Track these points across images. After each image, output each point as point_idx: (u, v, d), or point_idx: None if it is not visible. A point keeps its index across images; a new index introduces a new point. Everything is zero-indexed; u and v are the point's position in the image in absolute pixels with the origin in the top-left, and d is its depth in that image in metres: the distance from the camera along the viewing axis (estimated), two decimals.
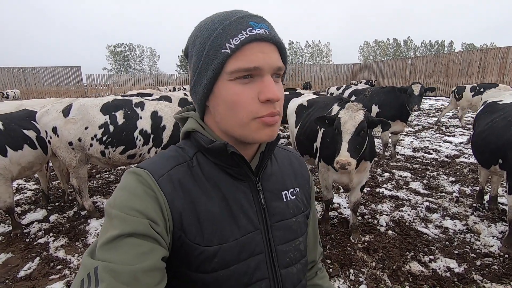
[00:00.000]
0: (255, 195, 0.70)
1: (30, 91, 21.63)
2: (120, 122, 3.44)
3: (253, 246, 0.66)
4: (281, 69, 0.63)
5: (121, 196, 0.58)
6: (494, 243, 2.97)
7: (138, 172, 0.62)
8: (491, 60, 16.26)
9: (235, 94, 0.60)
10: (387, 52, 73.93)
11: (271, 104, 0.60)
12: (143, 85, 24.69)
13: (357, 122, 2.33)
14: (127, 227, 0.54)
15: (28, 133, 3.45)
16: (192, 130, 0.70)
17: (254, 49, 0.58)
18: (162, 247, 0.57)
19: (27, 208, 4.07)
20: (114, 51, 63.91)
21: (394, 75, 23.72)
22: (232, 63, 0.58)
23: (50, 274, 2.71)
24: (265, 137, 0.63)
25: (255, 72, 0.59)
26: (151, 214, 0.57)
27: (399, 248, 2.94)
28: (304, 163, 0.87)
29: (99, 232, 0.57)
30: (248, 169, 0.68)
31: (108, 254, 0.51)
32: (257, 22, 0.60)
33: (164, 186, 0.61)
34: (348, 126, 2.34)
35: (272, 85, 0.60)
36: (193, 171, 0.66)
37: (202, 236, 0.62)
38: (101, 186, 4.90)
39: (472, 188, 4.38)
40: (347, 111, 2.40)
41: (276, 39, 0.61)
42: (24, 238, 3.31)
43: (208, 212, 0.63)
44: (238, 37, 0.58)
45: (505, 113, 3.11)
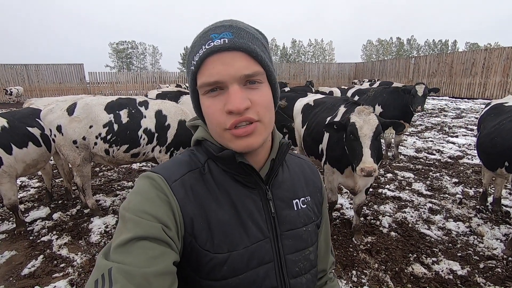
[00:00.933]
0: (265, 203, 0.69)
1: (33, 88, 21.70)
2: (124, 121, 3.45)
3: (263, 255, 0.66)
4: (254, 75, 0.60)
5: (135, 200, 0.59)
6: (497, 246, 2.96)
7: (152, 177, 0.63)
8: (495, 60, 16.14)
9: (207, 107, 0.62)
10: (390, 51, 73.54)
11: (236, 115, 0.59)
12: (146, 82, 24.71)
13: (374, 126, 2.26)
14: (140, 231, 0.55)
15: (33, 131, 3.47)
16: (201, 139, 0.71)
17: (214, 62, 0.59)
18: (174, 251, 0.57)
19: (31, 206, 4.10)
20: (116, 48, 64.00)
21: (397, 74, 23.61)
22: (199, 78, 0.61)
23: (54, 272, 2.72)
24: (241, 148, 0.63)
25: (220, 85, 0.59)
26: (163, 218, 0.58)
27: (402, 250, 2.94)
28: (317, 171, 0.86)
29: (114, 234, 0.58)
30: (258, 177, 0.68)
31: (122, 256, 0.52)
32: (218, 32, 0.60)
33: (177, 191, 0.62)
34: (365, 131, 2.25)
35: (235, 96, 0.58)
36: (204, 178, 0.67)
37: (212, 242, 0.62)
38: (103, 185, 4.92)
39: (475, 189, 4.36)
40: (359, 115, 2.31)
41: (239, 45, 0.58)
42: (28, 236, 3.33)
43: (218, 219, 0.64)
44: (198, 53, 0.60)
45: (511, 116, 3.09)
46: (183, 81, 25.19)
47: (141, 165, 5.88)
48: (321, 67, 29.61)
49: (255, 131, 0.62)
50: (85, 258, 2.91)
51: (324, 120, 3.08)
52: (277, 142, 0.74)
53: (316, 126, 3.19)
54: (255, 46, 0.61)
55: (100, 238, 3.26)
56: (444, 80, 19.19)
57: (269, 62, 0.64)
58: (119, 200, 4.25)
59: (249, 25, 0.66)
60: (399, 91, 5.51)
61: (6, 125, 3.25)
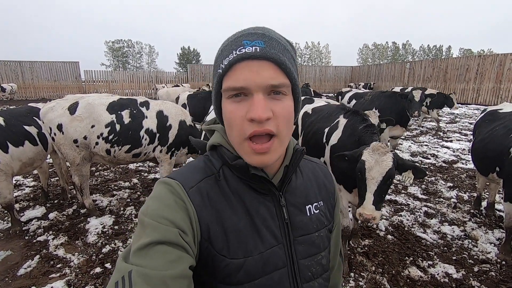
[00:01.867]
0: (278, 209, 0.71)
1: (27, 85, 21.41)
2: (126, 121, 3.47)
3: (276, 260, 0.67)
4: (280, 86, 0.61)
5: (153, 205, 0.61)
6: (491, 250, 3.01)
7: (169, 183, 0.64)
8: (489, 66, 16.43)
9: (229, 112, 0.62)
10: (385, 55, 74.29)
11: (257, 124, 0.59)
12: (142, 82, 24.56)
13: (384, 170, 1.99)
14: (158, 235, 0.56)
15: (29, 129, 3.43)
16: (217, 144, 0.72)
17: (242, 68, 0.59)
18: (190, 256, 0.59)
19: (26, 205, 4.05)
20: (112, 47, 63.52)
21: (392, 78, 23.87)
22: (225, 82, 0.62)
23: (50, 272, 2.70)
24: (255, 164, 0.64)
25: (245, 91, 0.60)
26: (180, 224, 0.59)
27: (398, 253, 2.97)
28: (330, 174, 0.87)
29: (133, 238, 0.60)
30: (271, 185, 0.69)
31: (141, 259, 0.54)
32: (251, 40, 0.60)
33: (194, 197, 0.64)
34: (374, 174, 2.01)
35: (257, 104, 0.58)
36: (219, 184, 0.68)
37: (228, 248, 0.64)
38: (100, 184, 4.88)
39: (469, 194, 4.43)
40: (373, 153, 2.05)
41: (269, 55, 0.59)
42: (24, 236, 3.29)
43: (233, 225, 0.65)
44: (228, 58, 0.60)
45: (505, 122, 3.16)
46: (179, 81, 25.10)
47: (138, 165, 5.85)
48: (317, 70, 29.77)
49: (271, 149, 0.63)
50: (82, 258, 2.89)
51: (321, 130, 2.94)
52: (291, 148, 0.75)
53: (314, 136, 3.06)
54: (285, 58, 0.62)
55: (97, 238, 3.24)
56: (438, 85, 19.44)
57: (296, 75, 0.65)
58: (116, 200, 4.23)
59: (281, 36, 0.66)
60: (397, 95, 5.59)
61: (3, 123, 3.21)
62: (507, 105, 3.70)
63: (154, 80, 24.52)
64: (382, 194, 2.04)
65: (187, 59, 61.01)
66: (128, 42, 64.95)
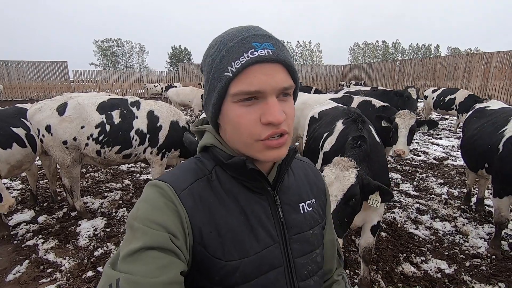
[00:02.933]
0: (273, 208, 0.70)
1: (13, 85, 20.83)
2: (116, 121, 3.40)
3: (273, 260, 0.67)
4: (289, 88, 0.62)
5: (143, 209, 0.59)
6: (481, 245, 3.08)
7: (160, 186, 0.62)
8: (476, 64, 16.78)
9: (238, 116, 0.61)
10: (376, 54, 75.18)
11: (273, 126, 0.60)
12: (132, 81, 24.21)
13: (345, 187, 1.71)
14: (148, 240, 0.55)
15: (17, 131, 3.35)
16: (210, 145, 0.71)
17: (256, 71, 0.58)
18: (181, 261, 0.57)
19: (14, 209, 3.93)
20: (101, 46, 62.50)
21: (383, 77, 24.15)
22: (235, 86, 0.59)
23: (41, 277, 2.63)
24: (271, 158, 0.63)
25: (258, 95, 0.59)
26: (171, 228, 0.58)
27: (392, 250, 3.01)
28: (319, 173, 0.88)
29: (122, 243, 0.58)
30: (266, 183, 0.69)
31: (130, 266, 0.53)
32: (260, 42, 0.59)
33: (185, 200, 0.62)
34: (333, 191, 1.71)
35: (275, 108, 0.59)
36: (212, 185, 0.67)
37: (222, 250, 0.62)
38: (91, 186, 4.79)
39: (459, 190, 4.52)
40: (333, 168, 1.79)
41: (281, 58, 0.59)
42: (12, 240, 3.20)
43: (228, 226, 0.64)
44: (239, 60, 0.58)
45: (492, 119, 3.22)
46: (171, 81, 24.86)
47: (129, 166, 5.77)
48: (309, 68, 29.89)
49: (285, 144, 0.64)
50: (74, 262, 2.83)
51: (320, 136, 2.80)
52: None
53: (313, 143, 2.92)
54: (292, 60, 0.62)
55: (88, 241, 3.18)
56: (428, 83, 19.76)
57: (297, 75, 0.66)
58: (107, 202, 4.16)
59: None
60: (392, 94, 5.65)
61: None
62: (495, 102, 3.78)
63: (145, 80, 24.21)
64: (344, 218, 1.70)
65: (178, 59, 60.48)
66: (118, 41, 64.04)
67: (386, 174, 2.36)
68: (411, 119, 3.39)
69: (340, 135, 2.52)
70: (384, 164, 2.34)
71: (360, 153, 2.03)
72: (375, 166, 2.15)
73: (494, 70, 15.81)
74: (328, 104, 3.61)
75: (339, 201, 1.70)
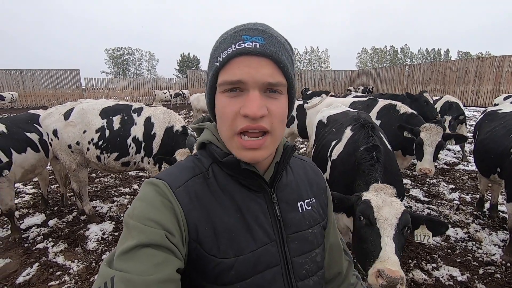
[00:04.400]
0: (270, 206, 0.69)
1: (28, 93, 21.50)
2: (116, 127, 3.35)
3: (269, 258, 0.66)
4: (277, 85, 0.60)
5: (139, 207, 0.59)
6: (496, 252, 2.97)
7: (156, 183, 0.63)
8: (487, 68, 16.48)
9: (222, 106, 0.62)
10: (384, 59, 74.68)
11: (250, 120, 0.59)
12: (142, 88, 24.68)
13: (399, 212, 1.46)
14: (144, 238, 0.55)
15: (31, 136, 3.44)
16: (207, 142, 0.71)
17: (240, 63, 0.58)
18: (177, 259, 0.57)
19: (26, 212, 4.03)
20: (112, 54, 63.99)
21: (391, 82, 23.94)
22: (221, 76, 0.61)
23: (50, 280, 2.67)
24: (246, 159, 0.63)
25: (242, 86, 0.59)
26: (167, 225, 0.58)
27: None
28: (320, 172, 0.86)
29: (118, 241, 0.58)
30: (263, 181, 0.68)
31: (125, 264, 0.52)
32: (251, 35, 0.59)
33: (181, 197, 0.62)
34: (386, 214, 1.46)
35: (254, 101, 0.58)
36: (209, 182, 0.66)
37: (218, 248, 0.62)
38: (100, 191, 4.86)
39: (472, 195, 4.40)
40: (376, 194, 1.60)
41: (269, 52, 0.58)
42: (23, 243, 3.26)
43: (223, 224, 0.63)
44: (226, 51, 0.59)
45: (504, 122, 3.15)
46: (180, 88, 25.20)
47: (138, 171, 5.83)
48: (316, 74, 29.92)
49: (264, 145, 0.62)
50: (82, 265, 2.86)
51: (329, 144, 2.66)
52: (281, 145, 0.74)
53: (322, 150, 2.77)
54: (284, 56, 0.61)
55: (97, 245, 3.21)
56: (438, 88, 19.50)
57: (293, 75, 0.64)
58: (116, 206, 4.20)
59: (280, 34, 0.66)
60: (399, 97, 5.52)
61: (5, 130, 3.22)
62: (506, 105, 3.70)
63: (154, 87, 24.64)
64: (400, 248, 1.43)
65: (187, 66, 61.36)
66: (128, 49, 65.44)
67: (401, 184, 2.21)
68: (437, 134, 3.06)
69: (348, 142, 2.40)
70: (397, 173, 2.22)
71: (382, 169, 1.91)
72: (390, 177, 1.99)
73: (507, 74, 15.49)
74: (337, 108, 3.47)
75: (396, 227, 1.42)
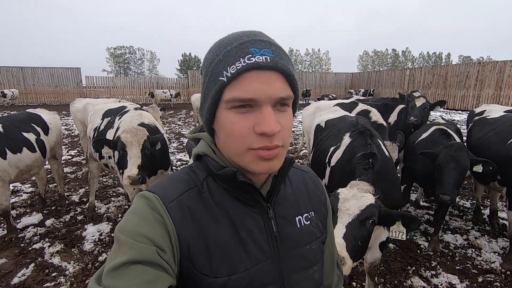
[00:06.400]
0: (266, 222, 0.66)
1: (28, 91, 21.49)
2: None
3: (264, 277, 0.63)
4: (287, 99, 0.59)
5: (130, 221, 0.57)
6: (495, 259, 2.95)
7: (148, 197, 0.61)
8: (488, 73, 16.47)
9: (231, 123, 0.58)
10: (385, 62, 74.74)
11: (267, 138, 0.57)
12: (143, 88, 24.65)
13: (364, 204, 1.61)
14: (135, 254, 0.53)
15: (28, 136, 3.41)
16: (202, 154, 0.68)
17: (251, 78, 0.55)
18: (169, 275, 0.55)
19: (23, 212, 4.00)
20: (114, 53, 64.01)
21: (392, 85, 23.92)
22: (229, 92, 0.57)
23: (45, 281, 2.64)
24: (262, 170, 0.60)
25: (253, 103, 0.56)
26: (158, 241, 0.56)
27: (400, 262, 2.91)
28: (320, 183, 0.84)
29: (108, 257, 0.56)
30: (259, 196, 0.65)
31: (114, 281, 0.51)
32: (259, 48, 0.57)
33: (173, 212, 0.59)
34: (349, 206, 1.62)
35: (269, 118, 0.56)
36: (203, 196, 0.64)
37: (210, 266, 0.59)
38: (98, 190, 4.82)
39: (471, 201, 4.38)
40: (350, 189, 1.73)
41: (280, 66, 0.56)
42: (19, 243, 3.24)
43: (217, 241, 0.61)
44: (235, 65, 0.55)
45: (496, 128, 3.13)
46: (180, 87, 25.20)
47: None
48: (317, 76, 29.90)
49: (278, 155, 0.60)
50: (78, 267, 2.84)
51: (327, 150, 2.70)
52: None
53: (320, 155, 2.79)
54: (292, 69, 0.60)
55: (93, 246, 3.19)
56: (438, 92, 19.48)
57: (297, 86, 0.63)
58: (114, 207, 4.18)
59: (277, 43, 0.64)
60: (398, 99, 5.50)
61: (1, 129, 3.19)
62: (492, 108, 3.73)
63: (155, 86, 24.61)
64: (358, 240, 1.55)
65: (188, 66, 61.40)
66: (130, 48, 65.47)
67: (398, 192, 2.23)
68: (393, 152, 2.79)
69: (346, 149, 2.42)
70: (395, 181, 2.23)
71: (374, 175, 1.94)
72: (385, 185, 2.02)
73: (508, 79, 15.48)
74: (336, 112, 3.47)
75: (355, 216, 1.56)
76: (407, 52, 75.42)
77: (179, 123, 12.53)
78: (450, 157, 2.65)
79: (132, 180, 2.51)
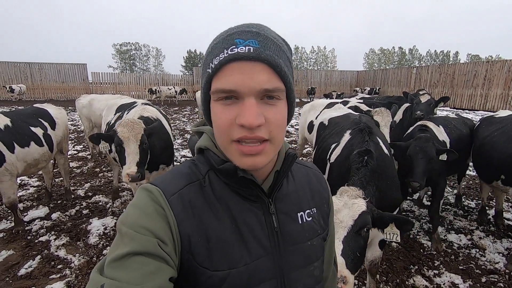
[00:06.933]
0: (267, 217, 0.66)
1: (35, 86, 21.76)
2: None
3: (264, 272, 0.63)
4: (274, 91, 0.57)
5: (133, 214, 0.58)
6: (499, 260, 2.93)
7: (150, 189, 0.61)
8: (497, 72, 16.19)
9: (217, 114, 0.59)
10: (392, 60, 73.96)
11: (247, 130, 0.56)
12: (148, 84, 24.77)
13: (356, 213, 1.54)
14: (136, 245, 0.53)
15: (36, 130, 3.46)
16: (204, 148, 0.68)
17: (233, 69, 0.55)
18: (170, 267, 0.55)
19: (29, 205, 4.07)
20: (120, 49, 64.34)
21: (398, 83, 23.67)
22: (214, 83, 0.57)
23: (51, 273, 2.69)
24: (245, 166, 0.59)
25: (236, 94, 0.56)
26: (160, 233, 0.56)
27: (403, 261, 2.91)
28: (324, 180, 0.83)
29: (110, 248, 0.57)
30: (260, 191, 0.65)
31: (116, 272, 0.51)
32: (244, 38, 0.55)
33: (175, 205, 0.60)
34: (342, 217, 1.54)
35: (250, 110, 0.55)
36: (204, 191, 0.64)
37: (210, 260, 0.60)
38: (103, 185, 4.89)
39: (476, 201, 4.34)
40: (340, 197, 1.65)
41: (263, 57, 0.55)
42: (26, 236, 3.30)
43: (217, 235, 0.61)
44: (219, 57, 0.56)
45: (503, 127, 3.09)
46: (185, 84, 25.26)
47: None
48: (323, 74, 29.71)
49: (263, 151, 0.59)
50: (83, 260, 2.88)
51: (328, 147, 2.71)
52: (282, 153, 0.71)
53: (322, 153, 2.79)
54: (281, 60, 0.58)
55: (98, 239, 3.23)
56: (445, 91, 19.21)
57: (291, 78, 0.61)
58: (118, 202, 4.23)
59: (277, 34, 0.62)
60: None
61: (10, 124, 3.24)
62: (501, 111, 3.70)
63: (160, 83, 24.73)
64: (356, 251, 1.51)
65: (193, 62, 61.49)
66: (136, 45, 65.76)
67: (397, 190, 2.21)
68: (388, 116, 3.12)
69: (345, 146, 2.42)
70: (394, 179, 2.20)
71: (367, 173, 1.91)
72: (383, 183, 2.00)
73: None
74: (339, 110, 3.44)
75: (349, 228, 1.51)
76: (414, 50, 74.52)
77: (183, 120, 12.60)
78: (418, 148, 2.87)
79: (131, 178, 2.53)
